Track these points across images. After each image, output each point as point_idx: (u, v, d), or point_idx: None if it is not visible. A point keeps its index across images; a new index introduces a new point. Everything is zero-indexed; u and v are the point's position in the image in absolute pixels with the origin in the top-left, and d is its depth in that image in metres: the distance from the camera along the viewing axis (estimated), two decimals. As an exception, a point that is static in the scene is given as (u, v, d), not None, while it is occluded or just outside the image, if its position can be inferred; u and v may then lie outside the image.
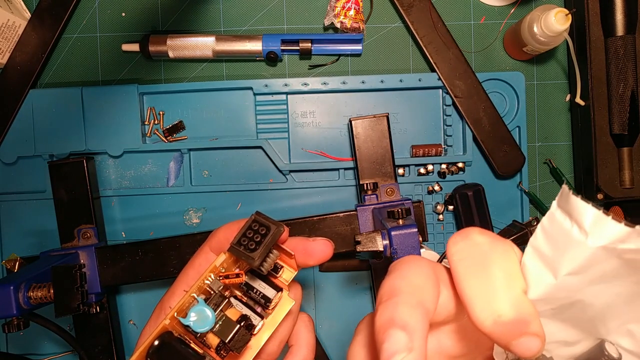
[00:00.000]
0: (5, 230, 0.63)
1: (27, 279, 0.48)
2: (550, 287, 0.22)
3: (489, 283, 0.22)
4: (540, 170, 0.65)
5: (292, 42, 0.61)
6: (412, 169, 0.63)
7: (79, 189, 0.58)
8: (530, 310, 0.21)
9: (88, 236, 0.58)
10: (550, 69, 0.64)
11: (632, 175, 0.60)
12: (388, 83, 0.62)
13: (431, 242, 0.64)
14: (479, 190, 0.60)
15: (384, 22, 0.64)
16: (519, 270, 0.23)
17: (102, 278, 0.56)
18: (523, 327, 0.21)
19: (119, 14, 0.64)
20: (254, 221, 0.32)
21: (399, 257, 0.44)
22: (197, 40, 0.61)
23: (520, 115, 0.62)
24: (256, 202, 0.63)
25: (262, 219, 0.32)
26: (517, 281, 0.22)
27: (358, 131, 0.58)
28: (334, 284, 0.64)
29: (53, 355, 0.63)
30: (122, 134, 0.61)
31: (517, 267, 0.23)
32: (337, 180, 0.63)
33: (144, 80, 0.64)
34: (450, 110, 0.62)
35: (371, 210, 0.55)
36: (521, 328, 0.21)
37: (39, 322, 0.50)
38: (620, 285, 0.21)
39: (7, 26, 0.59)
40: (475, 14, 0.64)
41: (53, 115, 0.61)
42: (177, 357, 0.29)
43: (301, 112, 0.63)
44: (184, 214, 0.63)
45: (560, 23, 0.53)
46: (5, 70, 0.61)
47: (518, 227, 0.57)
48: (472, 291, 0.22)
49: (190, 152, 0.63)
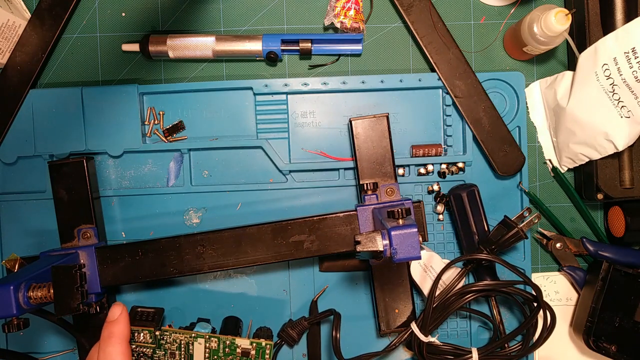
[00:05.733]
0: (5, 230, 0.63)
1: (27, 279, 0.48)
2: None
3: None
4: (540, 170, 0.65)
5: (292, 42, 0.61)
6: (412, 169, 0.63)
7: (79, 189, 0.58)
8: None
9: (88, 236, 0.58)
10: (550, 69, 0.64)
11: (632, 175, 0.60)
12: (388, 83, 0.62)
13: (431, 242, 0.64)
14: (473, 191, 0.60)
15: (384, 22, 0.64)
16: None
17: (102, 278, 0.56)
18: None
19: (119, 14, 0.64)
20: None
21: (399, 257, 0.44)
22: (197, 40, 0.61)
23: (520, 115, 0.62)
24: (256, 202, 0.63)
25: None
26: None
27: (358, 131, 0.58)
28: (334, 284, 0.64)
29: (53, 353, 0.63)
30: (122, 134, 0.61)
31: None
32: (337, 180, 0.63)
33: (144, 80, 0.64)
34: (450, 110, 0.62)
35: (371, 210, 0.55)
36: None
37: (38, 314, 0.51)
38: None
39: (7, 26, 0.59)
40: (475, 14, 0.64)
41: (53, 115, 0.61)
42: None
43: (301, 112, 0.63)
44: (184, 214, 0.63)
45: (560, 23, 0.53)
46: (5, 70, 0.61)
47: (509, 226, 0.57)
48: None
49: (190, 152, 0.63)
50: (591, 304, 0.60)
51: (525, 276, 0.56)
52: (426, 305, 0.56)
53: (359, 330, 0.64)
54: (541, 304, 0.56)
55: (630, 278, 0.59)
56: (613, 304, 0.59)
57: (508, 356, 0.58)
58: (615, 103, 0.55)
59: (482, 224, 0.60)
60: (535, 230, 0.65)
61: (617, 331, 0.59)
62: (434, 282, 0.56)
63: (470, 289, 0.57)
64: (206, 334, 0.57)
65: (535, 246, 0.65)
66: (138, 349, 0.57)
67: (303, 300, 0.64)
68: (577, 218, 0.65)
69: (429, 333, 0.57)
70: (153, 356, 0.57)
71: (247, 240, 0.55)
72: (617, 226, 0.62)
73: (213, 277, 0.64)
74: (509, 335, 0.58)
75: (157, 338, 0.57)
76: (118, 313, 0.50)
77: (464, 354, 0.58)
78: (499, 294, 0.58)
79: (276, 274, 0.64)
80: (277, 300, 0.64)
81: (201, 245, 0.55)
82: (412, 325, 0.56)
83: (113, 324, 0.49)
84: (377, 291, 0.59)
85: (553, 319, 0.57)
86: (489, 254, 0.57)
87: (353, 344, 0.63)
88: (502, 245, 0.57)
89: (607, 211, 0.65)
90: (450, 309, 0.57)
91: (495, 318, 0.61)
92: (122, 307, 0.51)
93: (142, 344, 0.57)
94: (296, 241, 0.55)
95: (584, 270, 0.63)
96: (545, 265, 0.65)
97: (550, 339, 0.58)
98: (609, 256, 0.60)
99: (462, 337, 0.64)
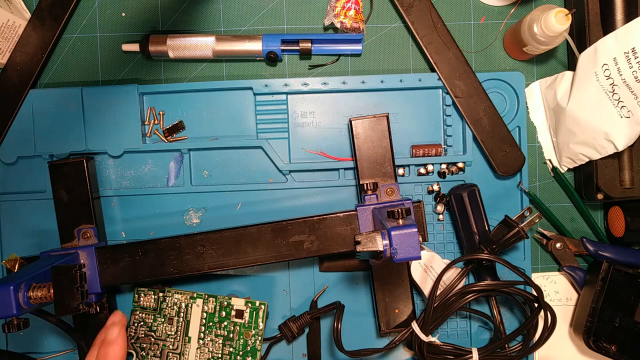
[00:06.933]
0: (5, 230, 0.63)
1: (27, 279, 0.48)
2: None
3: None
4: (540, 170, 0.65)
5: (292, 42, 0.61)
6: (412, 169, 0.63)
7: (79, 189, 0.58)
8: None
9: (88, 236, 0.58)
10: (550, 69, 0.64)
11: (632, 175, 0.60)
12: (388, 83, 0.62)
13: (431, 242, 0.64)
14: (473, 191, 0.60)
15: (384, 22, 0.64)
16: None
17: (102, 278, 0.56)
18: None
19: (119, 14, 0.64)
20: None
21: (399, 257, 0.44)
22: (197, 40, 0.61)
23: (520, 115, 0.62)
24: (256, 202, 0.63)
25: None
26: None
27: (358, 131, 0.58)
28: (334, 284, 0.64)
29: (52, 354, 0.63)
30: (122, 134, 0.61)
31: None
32: (337, 180, 0.63)
33: (144, 80, 0.64)
34: (450, 110, 0.62)
35: (371, 210, 0.55)
36: None
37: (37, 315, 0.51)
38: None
39: (7, 26, 0.59)
40: (475, 14, 0.64)
41: (53, 115, 0.61)
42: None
43: (301, 112, 0.63)
44: (184, 214, 0.63)
45: (560, 23, 0.53)
46: (5, 70, 0.61)
47: (510, 225, 0.57)
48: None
49: (190, 152, 0.63)
50: (591, 304, 0.60)
51: (526, 276, 0.56)
52: (427, 304, 0.56)
53: (359, 330, 0.64)
54: (542, 305, 0.56)
55: (630, 278, 0.59)
56: (613, 304, 0.59)
57: (508, 356, 0.58)
58: (615, 103, 0.55)
59: (483, 223, 0.60)
60: (535, 230, 0.65)
61: (617, 331, 0.59)
62: (435, 282, 0.56)
63: (470, 289, 0.57)
64: (204, 294, 0.59)
65: (535, 246, 0.65)
66: (139, 315, 0.60)
67: (303, 300, 0.64)
68: (577, 218, 0.65)
69: (430, 333, 0.57)
70: (152, 325, 0.59)
71: (247, 240, 0.55)
72: (617, 226, 0.62)
73: (213, 277, 0.64)
74: (509, 335, 0.58)
75: (159, 301, 0.60)
76: (115, 334, 0.49)
77: (465, 354, 0.58)
78: (500, 294, 0.58)
79: (276, 274, 0.64)
80: (277, 300, 0.64)
81: (201, 245, 0.55)
82: (413, 324, 0.56)
83: (110, 345, 0.48)
84: (377, 291, 0.59)
85: (553, 319, 0.57)
86: (490, 254, 0.57)
87: (353, 344, 0.63)
88: (503, 245, 0.57)
89: (607, 211, 0.65)
90: (451, 308, 0.57)
91: (495, 318, 0.61)
92: (120, 327, 0.49)
93: (144, 310, 0.60)
94: (296, 241, 0.55)
95: (584, 270, 0.63)
96: (545, 265, 0.65)
97: (551, 339, 0.58)
98: (609, 256, 0.60)
99: (462, 337, 0.64)
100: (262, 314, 0.59)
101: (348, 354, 0.56)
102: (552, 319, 0.56)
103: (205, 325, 0.59)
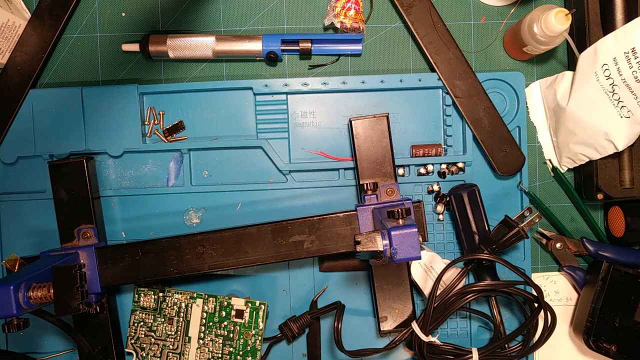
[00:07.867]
0: (5, 230, 0.63)
1: (27, 279, 0.48)
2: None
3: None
4: (540, 170, 0.65)
5: (292, 42, 0.61)
6: (412, 169, 0.63)
7: (79, 189, 0.58)
8: None
9: (88, 236, 0.58)
10: (550, 69, 0.64)
11: (632, 175, 0.60)
12: (388, 83, 0.62)
13: (431, 242, 0.64)
14: (473, 191, 0.60)
15: (384, 22, 0.64)
16: None
17: (102, 278, 0.56)
18: None
19: (119, 14, 0.64)
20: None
21: (399, 257, 0.44)
22: (197, 40, 0.61)
23: (520, 115, 0.62)
24: (256, 202, 0.63)
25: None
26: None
27: (358, 131, 0.58)
28: (334, 284, 0.64)
29: (52, 354, 0.63)
30: (122, 134, 0.61)
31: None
32: (337, 180, 0.63)
33: (144, 80, 0.64)
34: (450, 110, 0.62)
35: (371, 210, 0.55)
36: None
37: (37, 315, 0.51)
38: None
39: (7, 26, 0.59)
40: (475, 14, 0.64)
41: (53, 115, 0.61)
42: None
43: (301, 112, 0.63)
44: (184, 214, 0.63)
45: (560, 23, 0.53)
46: (5, 70, 0.61)
47: (510, 225, 0.57)
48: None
49: (190, 152, 0.63)
50: (591, 304, 0.60)
51: (527, 276, 0.56)
52: (427, 304, 0.56)
53: (359, 330, 0.64)
54: (542, 305, 0.56)
55: (630, 278, 0.59)
56: (613, 304, 0.59)
57: (508, 356, 0.58)
58: (615, 103, 0.55)
59: (483, 223, 0.60)
60: (536, 230, 0.65)
61: (617, 331, 0.59)
62: (435, 282, 0.56)
63: (470, 289, 0.57)
64: (204, 294, 0.60)
65: (535, 246, 0.65)
66: (139, 315, 0.60)
67: (303, 300, 0.64)
68: (577, 218, 0.65)
69: (430, 333, 0.57)
70: (152, 325, 0.59)
71: (247, 240, 0.55)
72: (617, 226, 0.62)
73: (213, 277, 0.64)
74: (509, 335, 0.58)
75: (159, 301, 0.60)
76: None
77: (465, 354, 0.58)
78: (500, 294, 0.58)
79: (276, 274, 0.64)
80: (277, 300, 0.64)
81: (201, 245, 0.55)
82: (413, 324, 0.56)
83: None
84: (377, 291, 0.59)
85: (554, 319, 0.57)
86: (490, 254, 0.57)
87: (353, 344, 0.63)
88: (503, 244, 0.57)
89: (607, 211, 0.65)
90: (451, 308, 0.57)
91: (495, 318, 0.61)
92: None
93: (144, 310, 0.60)
94: (296, 241, 0.55)
95: (584, 270, 0.63)
96: (545, 265, 0.65)
97: (550, 339, 0.58)
98: (609, 256, 0.60)
99: (462, 337, 0.64)
100: (262, 313, 0.59)
101: (348, 354, 0.56)
102: (552, 319, 0.56)
103: (205, 325, 0.59)
